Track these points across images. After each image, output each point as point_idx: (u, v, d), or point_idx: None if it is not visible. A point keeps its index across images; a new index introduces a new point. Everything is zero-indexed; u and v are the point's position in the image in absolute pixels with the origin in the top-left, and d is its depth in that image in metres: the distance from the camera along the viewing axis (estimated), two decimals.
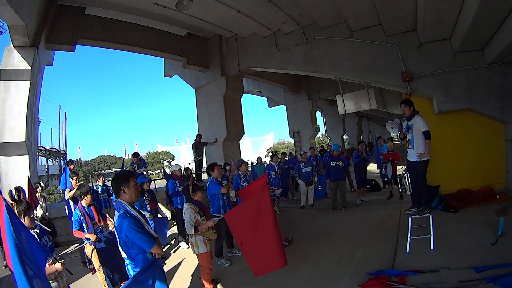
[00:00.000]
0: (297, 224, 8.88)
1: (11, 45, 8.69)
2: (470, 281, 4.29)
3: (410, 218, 5.91)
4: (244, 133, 15.70)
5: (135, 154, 11.90)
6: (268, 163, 12.79)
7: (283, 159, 12.83)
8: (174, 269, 6.61)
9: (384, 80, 9.75)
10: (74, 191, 7.11)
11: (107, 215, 6.19)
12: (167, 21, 11.94)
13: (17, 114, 8.51)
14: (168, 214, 10.03)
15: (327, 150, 13.97)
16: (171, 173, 8.88)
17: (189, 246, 5.52)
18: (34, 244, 3.33)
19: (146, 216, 6.46)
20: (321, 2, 9.04)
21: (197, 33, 14.12)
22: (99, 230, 5.56)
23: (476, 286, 4.17)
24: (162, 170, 17.25)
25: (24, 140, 8.49)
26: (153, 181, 10.46)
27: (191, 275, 6.14)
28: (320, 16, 10.18)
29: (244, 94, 17.07)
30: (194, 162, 13.83)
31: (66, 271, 4.01)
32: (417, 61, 9.00)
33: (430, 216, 5.77)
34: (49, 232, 4.36)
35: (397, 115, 6.59)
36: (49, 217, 8.21)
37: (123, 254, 3.19)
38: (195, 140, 13.88)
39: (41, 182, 9.22)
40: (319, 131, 24.51)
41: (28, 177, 8.00)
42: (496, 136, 8.72)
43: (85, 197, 5.65)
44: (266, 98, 25.85)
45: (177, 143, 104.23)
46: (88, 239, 5.38)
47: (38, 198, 7.96)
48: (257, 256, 4.73)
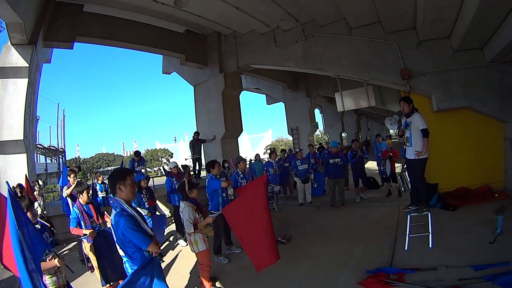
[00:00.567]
0: (296, 222, 8.87)
1: (9, 43, 8.66)
2: (469, 279, 4.29)
3: (409, 216, 5.91)
4: (243, 130, 15.70)
5: (137, 153, 11.87)
6: (267, 160, 12.78)
7: (283, 156, 12.81)
8: (173, 267, 6.61)
9: (383, 78, 9.75)
10: (72, 189, 7.11)
11: (105, 213, 6.19)
12: (166, 18, 11.91)
13: (15, 112, 8.48)
14: (167, 212, 10.02)
15: (326, 148, 13.98)
16: (165, 172, 8.89)
17: (188, 244, 5.51)
18: (37, 239, 3.36)
19: (144, 214, 6.49)
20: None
21: (196, 30, 14.10)
22: (97, 228, 5.56)
23: (475, 285, 4.17)
24: (162, 168, 17.20)
25: (22, 138, 8.46)
26: (152, 179, 10.42)
27: (190, 273, 6.13)
28: (319, 13, 10.17)
29: (243, 91, 17.06)
30: (192, 160, 13.81)
31: (66, 268, 4.04)
32: (416, 59, 9.00)
33: (429, 214, 5.77)
34: (50, 228, 4.40)
35: (396, 113, 6.56)
36: (47, 215, 8.20)
37: (121, 252, 3.18)
38: (193, 138, 13.85)
39: (40, 180, 9.20)
40: (318, 129, 24.48)
41: (26, 175, 7.99)
42: (495, 135, 8.73)
43: (81, 195, 5.65)
44: (265, 95, 25.82)
45: (176, 140, 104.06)
46: (86, 235, 5.38)
47: (36, 196, 7.94)
48: (257, 250, 4.78)
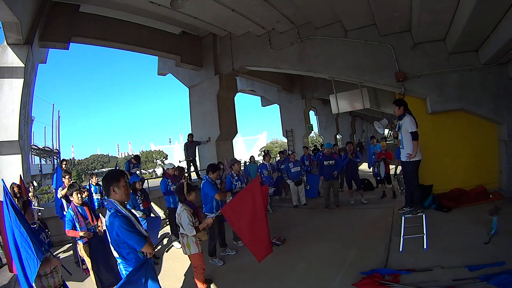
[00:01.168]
0: (290, 223, 8.88)
1: (5, 43, 8.59)
2: (464, 280, 4.32)
3: (403, 217, 5.94)
4: (237, 132, 15.67)
5: (137, 158, 11.78)
6: (261, 162, 12.78)
7: (281, 158, 12.77)
8: (167, 269, 6.58)
9: (378, 80, 9.78)
10: (66, 190, 7.08)
11: (100, 215, 6.17)
12: (161, 20, 11.87)
13: (10, 113, 8.40)
14: (162, 214, 9.98)
15: (320, 149, 14.00)
16: (164, 172, 8.86)
17: (182, 249, 5.52)
18: (34, 239, 3.41)
19: (139, 216, 6.48)
20: (317, 2, 9.07)
21: (191, 32, 14.06)
22: (92, 230, 5.54)
23: (470, 285, 4.20)
24: (162, 170, 17.23)
25: (17, 139, 8.39)
26: (146, 180, 10.39)
27: (184, 275, 6.13)
28: (315, 16, 10.20)
29: (238, 93, 17.05)
30: (186, 162, 13.78)
31: (64, 270, 4.05)
32: (411, 61, 9.04)
33: (423, 216, 5.80)
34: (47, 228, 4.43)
35: (390, 115, 6.62)
36: (42, 217, 8.16)
37: (115, 254, 3.19)
38: (188, 140, 13.84)
39: (34, 182, 9.14)
40: (313, 131, 24.57)
41: (21, 176, 7.94)
42: (490, 136, 8.80)
43: (71, 197, 5.63)
44: (260, 97, 25.80)
45: (171, 142, 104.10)
46: (82, 237, 5.36)
47: (31, 198, 7.89)
48: (257, 242, 5.02)
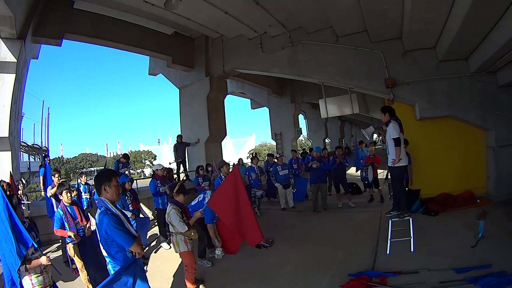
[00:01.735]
0: (278, 226, 8.89)
1: None
2: (450, 282, 4.40)
3: (390, 221, 6.03)
4: (226, 134, 15.74)
5: (126, 156, 11.71)
6: (249, 165, 12.81)
7: (271, 160, 12.73)
8: (156, 269, 6.55)
9: (367, 86, 9.89)
10: (55, 190, 7.01)
11: (90, 215, 6.15)
12: (155, 19, 11.86)
13: (1, 108, 8.25)
14: (150, 214, 9.94)
15: (309, 153, 14.08)
16: (153, 173, 8.83)
17: (171, 247, 5.54)
18: (21, 236, 3.42)
19: (129, 216, 6.46)
20: (309, 7, 9.12)
21: (184, 33, 14.05)
22: (81, 230, 5.51)
23: (457, 287, 4.28)
24: (152, 171, 17.16)
25: (7, 136, 8.23)
26: (135, 181, 10.35)
27: (173, 276, 6.11)
28: (307, 21, 10.27)
29: (228, 95, 17.11)
30: (176, 163, 13.76)
31: (54, 270, 4.03)
32: (401, 68, 9.16)
33: (410, 219, 5.89)
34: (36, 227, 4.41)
35: (379, 120, 6.73)
36: (31, 216, 8.07)
37: (104, 252, 3.20)
38: (177, 141, 13.83)
39: (23, 179, 9.04)
40: (301, 134, 24.67)
41: (11, 173, 7.85)
42: (478, 142, 8.96)
43: (61, 196, 5.60)
44: (250, 100, 25.86)
45: (159, 143, 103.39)
46: (70, 238, 5.33)
47: (21, 196, 7.81)
48: (247, 229, 5.33)
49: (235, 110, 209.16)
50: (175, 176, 12.62)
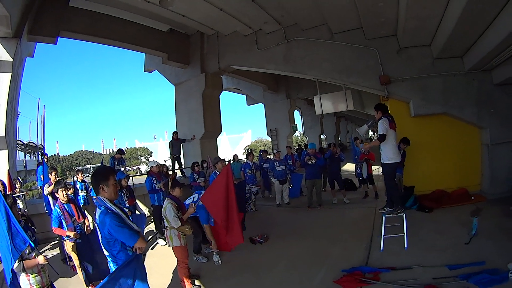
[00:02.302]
0: (273, 222, 8.94)
1: None
2: (444, 278, 4.44)
3: (384, 217, 6.07)
4: (222, 131, 15.69)
5: (121, 151, 11.67)
6: (245, 161, 12.82)
7: (265, 157, 12.78)
8: (152, 265, 6.54)
9: (362, 83, 9.90)
10: (52, 187, 7.00)
11: (87, 213, 6.15)
12: (150, 16, 11.79)
13: None
14: (146, 211, 9.94)
15: (304, 149, 14.12)
16: (149, 170, 8.83)
17: (166, 243, 5.58)
18: (16, 237, 3.42)
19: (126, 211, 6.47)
20: (305, 5, 9.12)
21: (179, 29, 13.99)
22: (79, 227, 5.52)
23: (449, 283, 4.32)
24: (149, 168, 17.13)
25: (4, 135, 8.18)
26: (131, 178, 10.33)
27: (169, 271, 6.12)
28: (303, 18, 10.26)
29: (223, 91, 17.03)
30: (171, 159, 13.76)
31: (51, 269, 4.04)
32: (396, 65, 9.16)
33: (404, 216, 5.93)
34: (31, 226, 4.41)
35: (374, 117, 6.75)
36: (27, 214, 8.06)
37: (105, 252, 3.17)
38: (172, 138, 13.86)
39: (19, 178, 9.02)
40: (297, 130, 24.68)
41: (8, 171, 7.84)
42: (472, 140, 9.00)
43: (57, 193, 5.60)
44: (245, 96, 25.77)
45: (155, 139, 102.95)
46: (69, 236, 5.34)
47: (17, 193, 7.81)
48: (231, 227, 5.57)
49: (231, 106, 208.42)
50: (171, 172, 12.62)
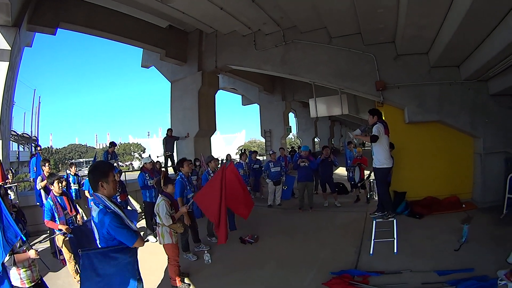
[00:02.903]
0: (264, 222, 8.91)
1: None
2: (432, 284, 4.49)
3: (374, 222, 6.11)
4: (216, 130, 15.71)
5: (113, 143, 11.67)
6: (237, 161, 12.84)
7: (254, 158, 12.83)
8: (141, 262, 6.55)
9: (358, 88, 9.93)
10: (46, 182, 6.96)
11: (78, 207, 6.14)
12: (150, 12, 11.76)
13: None
14: (138, 207, 9.92)
15: (297, 151, 14.17)
16: (141, 166, 8.82)
17: (157, 240, 5.59)
18: (7, 230, 3.41)
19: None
20: (304, 8, 9.10)
21: (178, 26, 13.97)
22: (71, 221, 5.51)
23: None
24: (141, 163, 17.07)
25: None
26: (124, 173, 10.30)
27: (159, 268, 6.08)
28: (301, 21, 10.26)
29: (219, 90, 17.05)
30: (164, 157, 13.75)
31: (42, 263, 4.04)
32: (393, 72, 9.19)
33: (394, 221, 5.99)
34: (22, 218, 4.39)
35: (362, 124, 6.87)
36: (19, 205, 8.01)
37: None
38: (166, 135, 13.84)
39: (11, 168, 8.96)
40: (291, 132, 24.77)
41: (0, 162, 7.79)
42: (465, 148, 9.05)
43: (52, 186, 5.59)
44: (241, 96, 25.81)
45: (149, 135, 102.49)
46: (61, 230, 5.32)
47: (9, 184, 7.77)
48: (222, 227, 5.46)
49: (226, 106, 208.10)
50: (163, 169, 12.61)
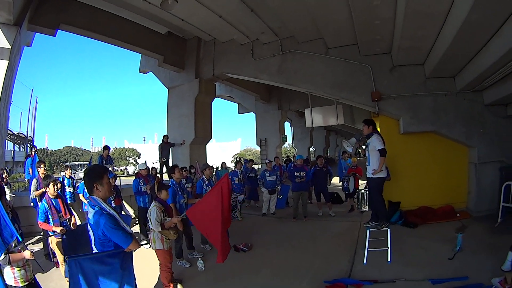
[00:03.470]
0: (258, 231, 8.92)
1: None
2: None
3: (368, 231, 6.13)
4: (212, 138, 15.74)
5: (106, 147, 11.62)
6: (232, 169, 12.85)
7: (250, 166, 12.84)
8: (135, 268, 6.54)
9: (354, 98, 9.97)
10: (41, 191, 6.91)
11: (73, 210, 6.12)
12: (150, 18, 11.82)
13: None
14: (132, 213, 9.89)
15: (292, 160, 14.20)
16: (137, 172, 8.83)
17: (150, 246, 5.58)
18: (9, 226, 3.41)
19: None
20: (302, 18, 9.15)
21: (177, 33, 14.05)
22: (65, 224, 5.49)
23: None
24: (137, 169, 17.02)
25: None
26: (118, 178, 10.28)
27: (152, 274, 6.06)
28: (299, 31, 10.33)
29: (216, 98, 17.08)
30: (159, 163, 13.74)
31: (35, 264, 4.02)
32: (388, 83, 9.25)
33: (388, 230, 6.00)
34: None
35: (356, 134, 6.93)
36: (13, 206, 7.96)
37: None
38: (162, 141, 13.84)
39: (6, 168, 8.90)
40: (286, 141, 24.79)
41: None
42: (460, 158, 9.12)
43: (47, 188, 5.58)
44: (237, 104, 25.87)
45: (145, 141, 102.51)
46: (54, 232, 5.30)
47: (4, 184, 7.72)
48: (222, 243, 5.11)
49: (222, 113, 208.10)
50: (158, 176, 12.59)
